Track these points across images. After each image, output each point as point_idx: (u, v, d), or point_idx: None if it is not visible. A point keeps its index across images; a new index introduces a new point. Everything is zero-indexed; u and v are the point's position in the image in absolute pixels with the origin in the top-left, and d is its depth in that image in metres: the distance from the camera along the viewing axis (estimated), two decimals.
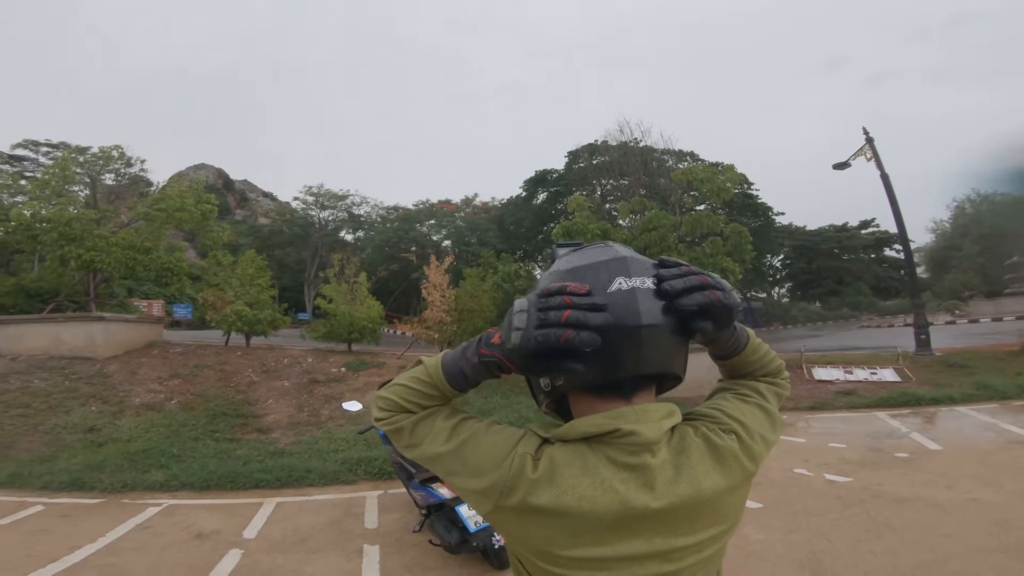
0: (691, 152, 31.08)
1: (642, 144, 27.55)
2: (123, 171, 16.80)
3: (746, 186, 33.43)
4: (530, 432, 0.83)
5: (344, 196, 42.04)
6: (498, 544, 3.58)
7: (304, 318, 31.20)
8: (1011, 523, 3.98)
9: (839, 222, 46.67)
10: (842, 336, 23.45)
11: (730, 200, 17.23)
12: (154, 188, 17.99)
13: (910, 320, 14.85)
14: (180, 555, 4.15)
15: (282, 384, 10.05)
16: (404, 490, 4.81)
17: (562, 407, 0.90)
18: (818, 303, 43.72)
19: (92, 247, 12.38)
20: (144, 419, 8.17)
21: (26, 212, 13.05)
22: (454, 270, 15.51)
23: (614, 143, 28.83)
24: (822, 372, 10.96)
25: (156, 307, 23.21)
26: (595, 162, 33.20)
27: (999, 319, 22.03)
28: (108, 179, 16.66)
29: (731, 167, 15.68)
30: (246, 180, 73.38)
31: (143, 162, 17.72)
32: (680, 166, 21.13)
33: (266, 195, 70.49)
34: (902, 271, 38.88)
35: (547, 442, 0.81)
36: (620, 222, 19.30)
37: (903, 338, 13.85)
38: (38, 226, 12.67)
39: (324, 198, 41.67)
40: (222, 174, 67.97)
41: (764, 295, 44.63)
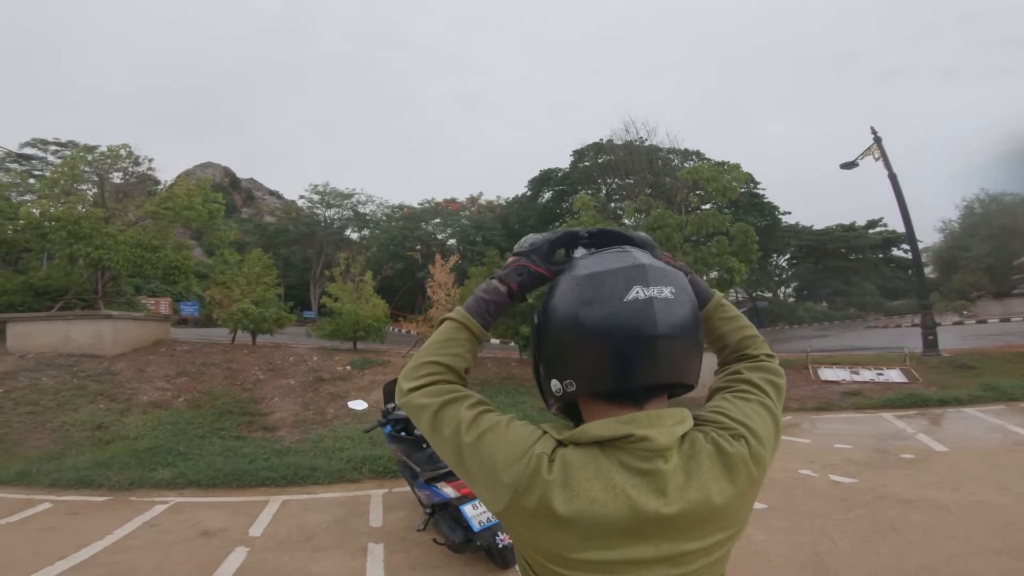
0: (697, 151, 30.96)
1: (647, 143, 27.39)
2: (131, 170, 16.85)
3: (752, 185, 33.30)
4: (546, 433, 0.82)
5: (350, 195, 42.09)
6: (502, 543, 3.59)
7: (310, 316, 31.32)
8: (1017, 525, 3.96)
9: (846, 222, 46.42)
10: (848, 336, 23.34)
11: (736, 199, 17.13)
12: (162, 187, 18.01)
13: (917, 320, 14.80)
14: (186, 553, 4.18)
15: (288, 382, 10.08)
16: (409, 489, 4.82)
17: (571, 409, 0.90)
18: (824, 303, 43.53)
19: (100, 245, 12.44)
20: (151, 417, 8.22)
21: (35, 211, 13.13)
22: (459, 269, 15.48)
23: (619, 142, 28.65)
24: (828, 372, 10.92)
25: (163, 305, 23.29)
26: (600, 161, 33.08)
27: (1007, 320, 21.91)
28: (116, 178, 16.70)
29: (737, 166, 15.59)
30: (252, 178, 73.52)
31: (151, 161, 17.77)
32: (686, 165, 21.03)
33: (272, 193, 70.66)
34: (910, 271, 38.57)
35: (561, 444, 0.81)
36: (625, 221, 19.23)
37: (910, 339, 13.78)
38: (47, 224, 12.72)
39: (330, 197, 41.72)
40: (228, 172, 68.15)
41: (770, 295, 44.48)
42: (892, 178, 13.51)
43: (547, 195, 37.74)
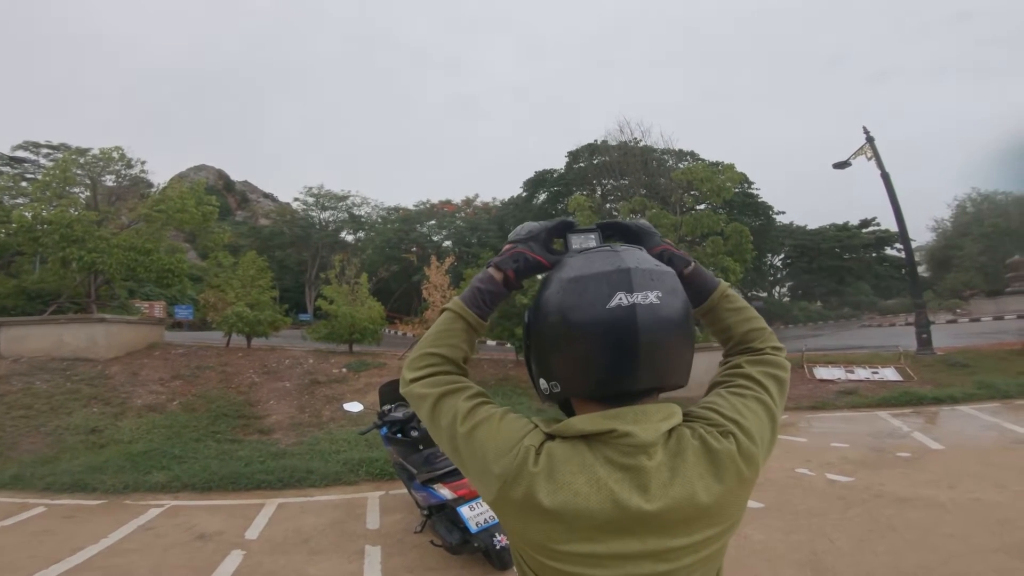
0: (691, 152, 31.04)
1: (642, 144, 27.48)
2: (124, 172, 16.76)
3: (746, 185, 33.41)
4: (537, 427, 0.83)
5: (344, 197, 42.03)
6: (499, 544, 3.58)
7: (305, 319, 31.20)
8: (1014, 523, 3.97)
9: (840, 221, 46.67)
10: (843, 335, 23.43)
11: (730, 199, 17.22)
12: (155, 189, 17.98)
13: (911, 319, 14.85)
14: (182, 556, 4.16)
15: (283, 385, 10.05)
16: (405, 491, 4.80)
17: (565, 403, 0.91)
18: (819, 302, 43.70)
19: (93, 248, 12.38)
20: (146, 420, 8.18)
21: (27, 214, 13.06)
22: (455, 271, 15.51)
23: (614, 143, 28.76)
24: (823, 371, 10.94)
25: (157, 308, 23.24)
26: (595, 162, 33.15)
27: (1000, 318, 22.02)
28: (109, 180, 16.62)
29: (731, 166, 15.66)
30: (246, 181, 73.32)
31: (143, 163, 17.64)
32: (680, 166, 21.10)
33: (266, 196, 70.46)
34: (903, 270, 38.83)
35: (550, 438, 0.81)
36: (615, 215, 19.29)
37: (904, 337, 13.83)
38: (39, 228, 12.66)
39: (324, 199, 41.66)
40: (222, 175, 67.95)
41: (765, 295, 44.59)
42: (885, 177, 13.57)
43: (542, 196, 37.76)
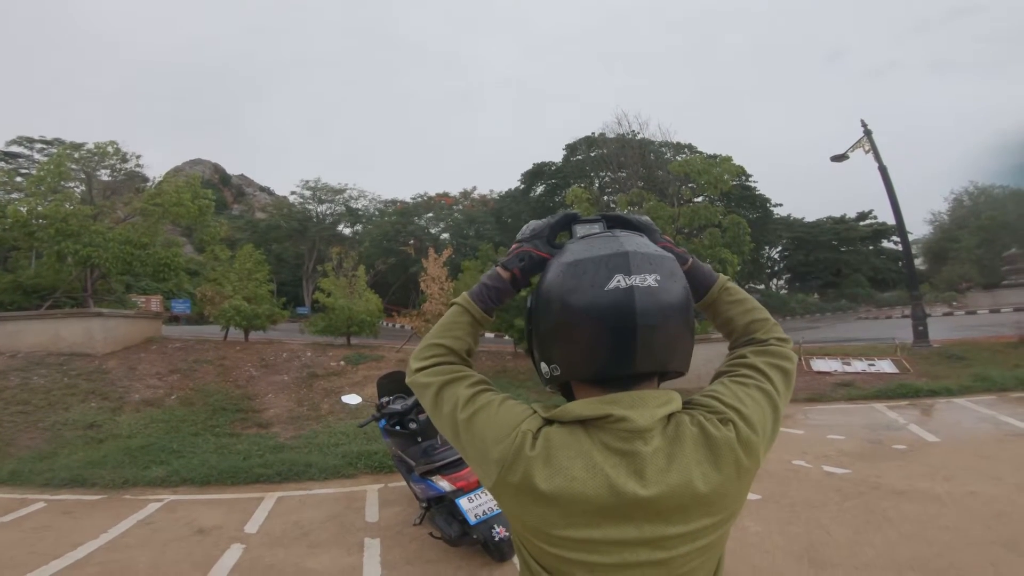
0: (689, 144, 31.08)
1: (640, 137, 27.45)
2: (119, 167, 16.68)
3: (744, 178, 33.51)
4: (536, 412, 0.84)
5: (341, 190, 41.99)
6: (498, 536, 3.60)
7: (303, 312, 31.23)
8: (1009, 516, 3.99)
9: (837, 214, 46.82)
10: (840, 328, 23.52)
11: (728, 192, 17.20)
12: (150, 184, 17.90)
13: (908, 312, 14.87)
14: (182, 550, 4.16)
15: (281, 378, 10.04)
16: (404, 483, 4.81)
17: (566, 389, 0.92)
18: (816, 295, 43.84)
19: (89, 243, 12.32)
20: (144, 415, 8.17)
21: (22, 209, 12.98)
22: (452, 263, 15.48)
23: (612, 136, 28.72)
24: (820, 364, 10.98)
25: (154, 302, 23.13)
26: (593, 155, 33.17)
27: (996, 311, 22.09)
28: (104, 175, 16.56)
29: (728, 159, 15.65)
30: (243, 175, 73.13)
31: (139, 158, 17.55)
32: (678, 158, 21.06)
33: (263, 189, 70.30)
34: (900, 263, 38.96)
35: (548, 423, 0.82)
36: (613, 208, 19.28)
37: (901, 330, 13.90)
38: (34, 223, 12.59)
39: (321, 192, 41.61)
40: (218, 169, 67.72)
41: (762, 287, 44.74)
42: (882, 170, 13.57)
43: (540, 189, 37.81)
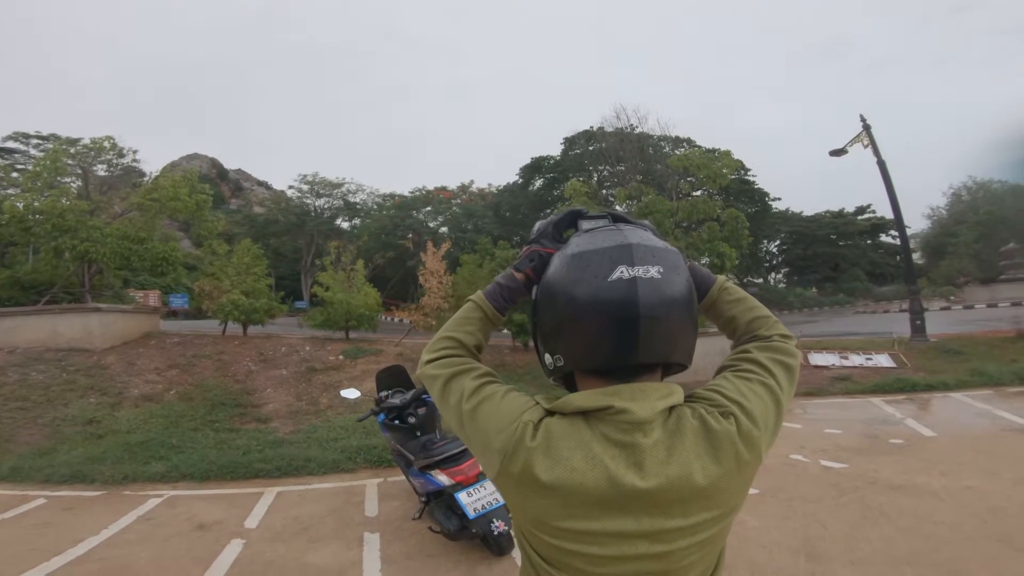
0: (688, 138, 30.99)
1: (639, 130, 27.38)
2: (115, 162, 16.61)
3: (743, 172, 33.47)
4: (538, 403, 0.85)
5: (339, 184, 41.88)
6: (497, 530, 3.61)
7: (301, 306, 31.17)
8: (1005, 511, 4.01)
9: (836, 208, 46.81)
10: (838, 322, 23.55)
11: (727, 186, 17.22)
12: (147, 179, 17.82)
13: (905, 306, 14.93)
14: (182, 546, 4.17)
15: (280, 373, 10.04)
16: (403, 478, 4.82)
17: (569, 381, 0.92)
18: (814, 289, 43.83)
19: (86, 238, 12.28)
20: (143, 410, 8.17)
21: (19, 204, 12.93)
22: (451, 257, 15.47)
23: (610, 129, 28.64)
24: (818, 357, 11.00)
25: (152, 297, 23.10)
26: (591, 148, 33.06)
27: (994, 305, 22.14)
28: (100, 170, 16.48)
29: (728, 153, 15.65)
30: (240, 169, 72.82)
31: (135, 153, 17.49)
32: (677, 152, 21.06)
33: (261, 184, 70.06)
34: (898, 257, 38.97)
35: (549, 414, 0.82)
36: (617, 208, 19.25)
37: (898, 324, 13.91)
38: (31, 218, 12.55)
39: (319, 186, 41.51)
40: (216, 164, 67.45)
41: (760, 281, 44.75)
42: (881, 165, 13.56)
43: (538, 183, 37.72)
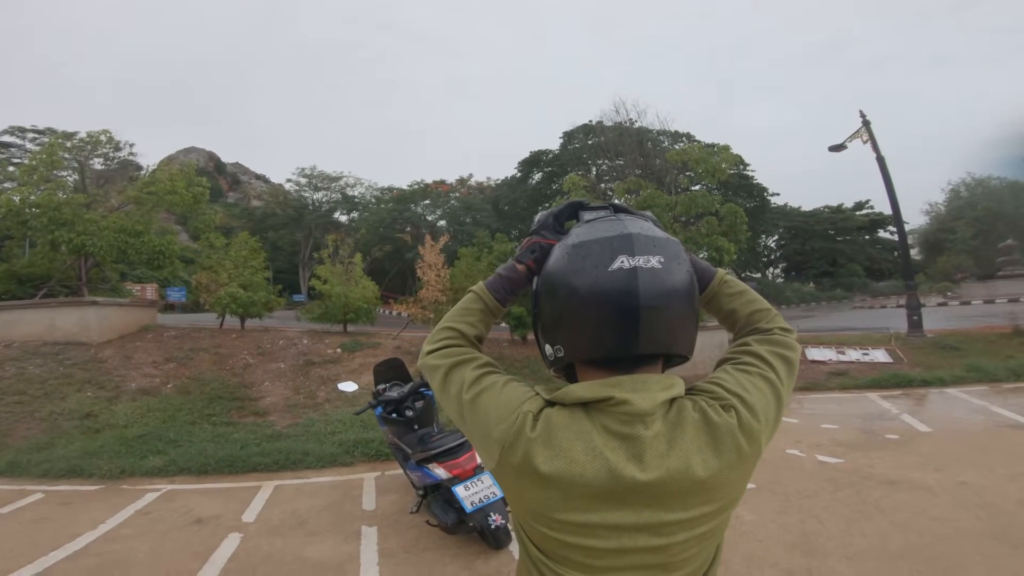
0: (687, 133, 30.99)
1: (637, 125, 27.35)
2: (112, 155, 16.57)
3: (742, 167, 33.47)
4: (538, 394, 0.84)
5: (338, 177, 41.85)
6: (495, 524, 3.62)
7: (299, 299, 31.22)
8: (999, 507, 4.03)
9: (834, 203, 46.84)
10: (835, 317, 23.61)
11: (725, 180, 17.19)
12: (144, 172, 17.76)
13: (903, 301, 14.96)
14: (180, 540, 4.18)
15: (278, 366, 10.02)
16: (401, 471, 4.84)
17: (570, 372, 0.92)
18: (812, 284, 43.95)
19: (83, 231, 12.23)
20: (140, 404, 8.16)
21: (15, 198, 12.87)
22: (449, 250, 15.46)
23: (609, 124, 28.61)
24: (815, 352, 11.01)
25: (150, 290, 23.08)
26: (590, 143, 33.03)
27: (991, 301, 22.14)
28: (97, 164, 16.43)
29: (726, 148, 15.63)
30: (238, 163, 72.76)
31: (132, 146, 17.47)
32: (676, 147, 20.99)
33: (258, 177, 69.94)
34: (896, 253, 39.13)
35: (549, 404, 0.82)
36: (616, 202, 19.17)
37: (895, 319, 13.95)
38: (27, 211, 12.49)
39: (317, 180, 41.47)
40: (213, 157, 67.31)
41: (759, 275, 44.83)
42: (880, 161, 13.56)
43: (537, 176, 37.71)
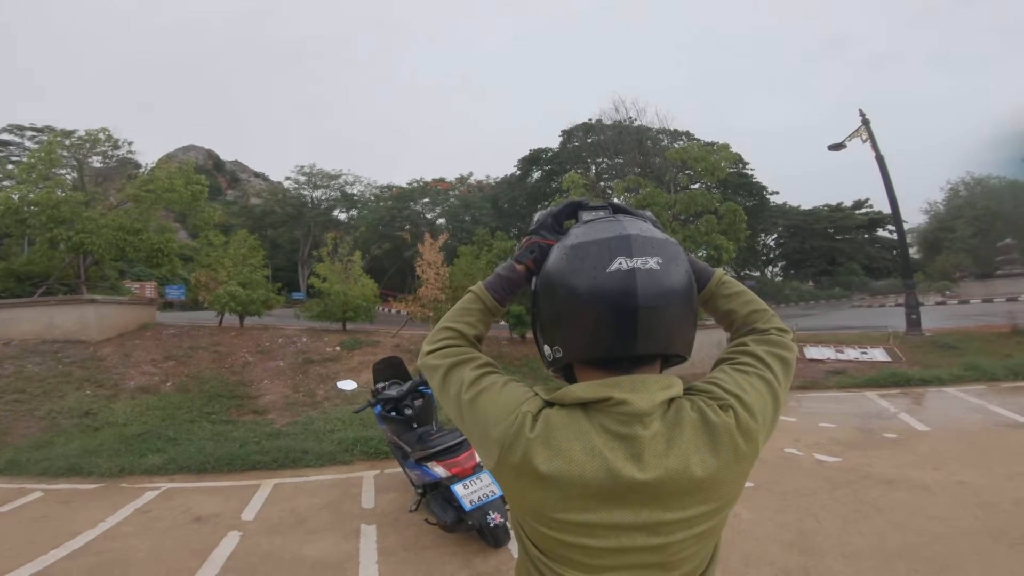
0: (687, 131, 30.97)
1: (637, 123, 27.34)
2: (111, 153, 16.53)
3: (741, 165, 33.47)
4: (537, 394, 0.85)
5: (337, 175, 41.84)
6: (493, 522, 3.63)
7: (298, 297, 31.19)
8: (997, 506, 4.04)
9: (833, 202, 46.86)
10: (834, 315, 23.60)
11: (725, 179, 17.21)
12: (143, 170, 17.71)
13: (901, 300, 14.97)
14: (180, 538, 4.18)
15: (277, 364, 10.02)
16: (400, 470, 4.85)
17: (568, 373, 0.92)
18: (811, 282, 43.97)
19: (81, 229, 12.20)
20: (139, 402, 8.15)
21: (14, 196, 12.84)
22: (448, 248, 15.45)
23: (609, 122, 28.59)
24: (813, 351, 11.04)
25: (149, 288, 23.06)
26: (590, 141, 33.02)
27: (989, 301, 22.18)
28: (95, 162, 16.40)
29: (726, 146, 15.65)
30: (237, 161, 72.65)
31: (131, 144, 17.37)
32: (675, 145, 21.00)
33: (257, 175, 69.87)
34: (895, 251, 39.15)
35: (549, 404, 0.82)
36: (615, 200, 19.17)
37: (894, 318, 13.97)
38: (26, 209, 12.46)
39: (316, 177, 41.45)
40: (212, 155, 67.20)
41: (757, 274, 44.86)
42: (879, 160, 13.58)
43: (536, 175, 37.67)
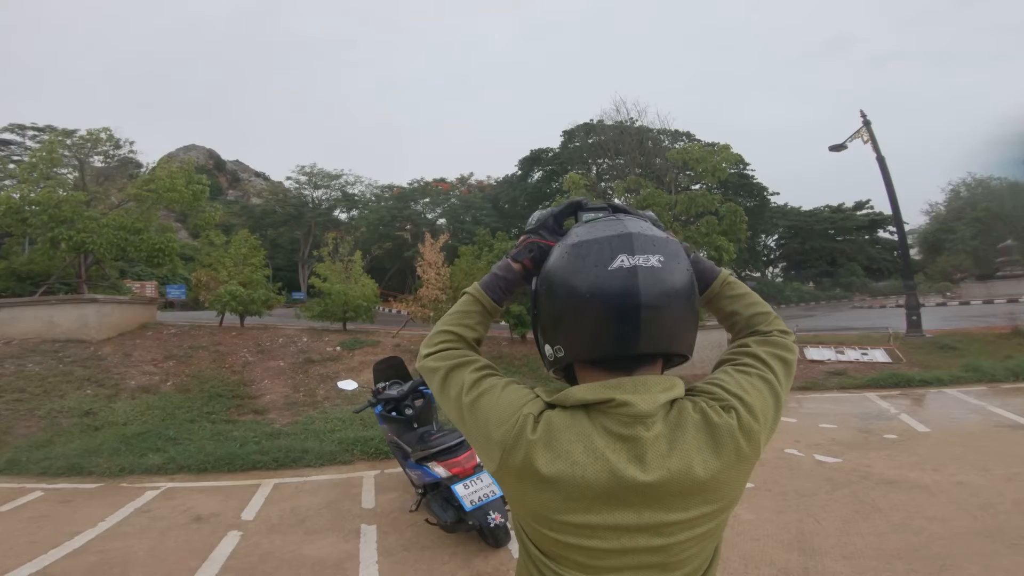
0: (687, 132, 31.01)
1: (638, 124, 27.36)
2: (112, 153, 16.58)
3: (742, 166, 33.50)
4: (538, 396, 0.84)
5: (337, 175, 41.84)
6: (494, 522, 3.63)
7: (299, 297, 31.23)
8: (996, 507, 4.04)
9: (834, 203, 46.85)
10: (834, 316, 23.62)
11: (725, 180, 17.20)
12: (144, 169, 17.75)
13: (902, 301, 14.98)
14: (180, 538, 4.19)
15: (277, 364, 10.03)
16: (400, 470, 4.86)
17: (569, 373, 0.92)
18: (811, 283, 43.97)
19: (82, 229, 12.22)
20: (140, 402, 8.16)
21: (15, 195, 12.86)
22: (449, 248, 15.45)
23: (610, 122, 28.62)
24: (814, 352, 11.03)
25: (149, 288, 23.08)
26: (591, 141, 33.04)
27: (990, 302, 22.21)
28: (97, 161, 16.45)
29: (727, 147, 15.62)
30: (238, 160, 72.64)
31: (132, 144, 17.44)
32: (676, 146, 21.00)
33: (258, 175, 69.87)
34: (895, 252, 39.09)
35: (550, 406, 0.82)
36: (615, 200, 19.17)
37: (895, 319, 13.97)
38: (27, 209, 12.48)
39: (317, 177, 41.47)
40: (213, 155, 67.18)
41: (758, 274, 44.82)
42: (880, 160, 13.58)
43: (537, 175, 37.73)
